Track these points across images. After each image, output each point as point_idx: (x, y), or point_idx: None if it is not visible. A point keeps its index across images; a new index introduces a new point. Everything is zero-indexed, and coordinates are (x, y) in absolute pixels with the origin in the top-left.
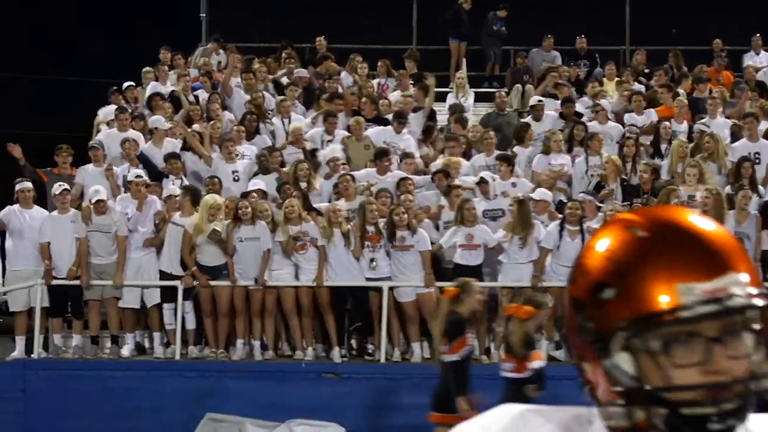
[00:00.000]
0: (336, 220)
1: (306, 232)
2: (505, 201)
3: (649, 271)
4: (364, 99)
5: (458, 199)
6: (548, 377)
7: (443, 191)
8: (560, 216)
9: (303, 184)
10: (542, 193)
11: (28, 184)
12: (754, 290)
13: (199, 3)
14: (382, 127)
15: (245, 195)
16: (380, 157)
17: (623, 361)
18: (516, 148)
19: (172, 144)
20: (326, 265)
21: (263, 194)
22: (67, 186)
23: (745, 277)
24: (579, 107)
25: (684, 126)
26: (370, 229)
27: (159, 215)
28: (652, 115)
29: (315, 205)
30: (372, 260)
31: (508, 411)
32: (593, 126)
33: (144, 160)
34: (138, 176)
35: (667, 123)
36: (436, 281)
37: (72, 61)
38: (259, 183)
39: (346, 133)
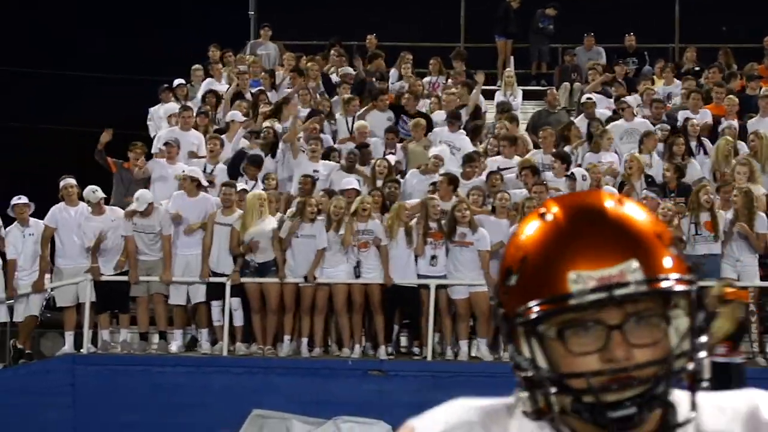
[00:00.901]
0: (404, 219)
1: (371, 230)
2: None
3: (545, 258)
4: (407, 95)
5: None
6: None
7: (529, 188)
8: None
9: (379, 182)
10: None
11: (72, 181)
12: (649, 277)
13: (247, 1)
14: (438, 128)
15: (342, 192)
16: (468, 162)
17: (523, 345)
18: (564, 148)
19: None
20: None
21: (357, 193)
22: (100, 194)
23: (644, 263)
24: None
25: (735, 123)
26: (433, 225)
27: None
28: (707, 115)
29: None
30: (433, 257)
31: (454, 404)
32: (620, 123)
33: (236, 159)
34: (193, 172)
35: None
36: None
37: (74, 61)
38: (353, 182)
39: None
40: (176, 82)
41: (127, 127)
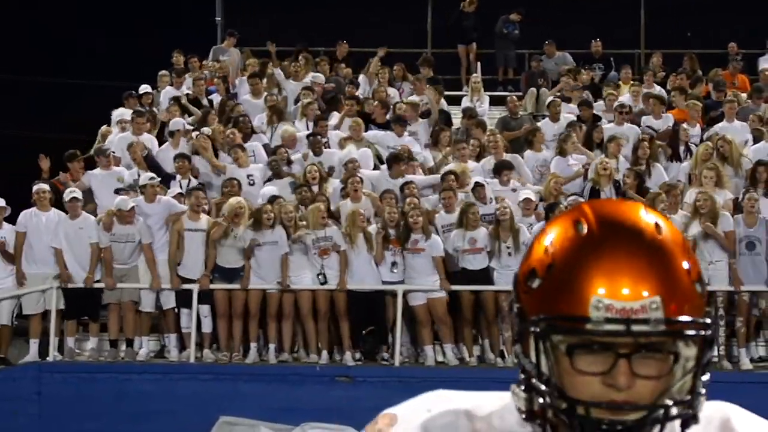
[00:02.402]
0: (360, 224)
1: (330, 237)
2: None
3: (573, 273)
4: (375, 103)
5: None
6: None
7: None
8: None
9: (314, 188)
10: (527, 193)
11: (45, 186)
12: (669, 318)
13: (214, 6)
14: (384, 131)
15: (270, 201)
16: (394, 161)
17: (531, 349)
18: (527, 153)
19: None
20: (347, 269)
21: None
22: (77, 194)
23: (667, 302)
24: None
25: (697, 129)
26: (392, 232)
27: (172, 217)
28: (669, 119)
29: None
30: (394, 263)
31: (435, 395)
32: (611, 127)
33: (151, 163)
34: (152, 178)
35: (685, 126)
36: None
37: (74, 62)
38: (272, 189)
39: (343, 135)
40: (142, 89)
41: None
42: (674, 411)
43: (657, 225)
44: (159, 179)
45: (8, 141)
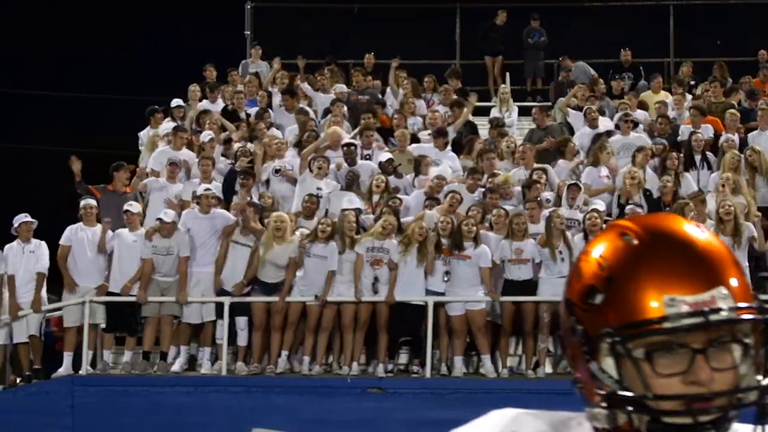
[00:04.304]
0: (419, 238)
1: (387, 249)
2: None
3: (636, 281)
4: (398, 115)
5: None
6: None
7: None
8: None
9: (375, 198)
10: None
11: (92, 202)
12: (740, 304)
13: (243, 20)
14: (425, 144)
15: (358, 213)
16: (472, 174)
17: (608, 365)
18: (560, 162)
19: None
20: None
21: (359, 212)
22: (133, 208)
23: (732, 290)
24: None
25: (737, 138)
26: (444, 242)
27: (226, 229)
28: (709, 130)
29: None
30: (446, 273)
31: (502, 414)
32: (617, 138)
33: (231, 177)
34: (206, 189)
35: (700, 134)
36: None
37: (103, 77)
38: (355, 200)
39: (384, 146)
40: (174, 102)
41: (119, 148)
42: (752, 396)
43: (698, 226)
44: (214, 191)
45: (37, 156)
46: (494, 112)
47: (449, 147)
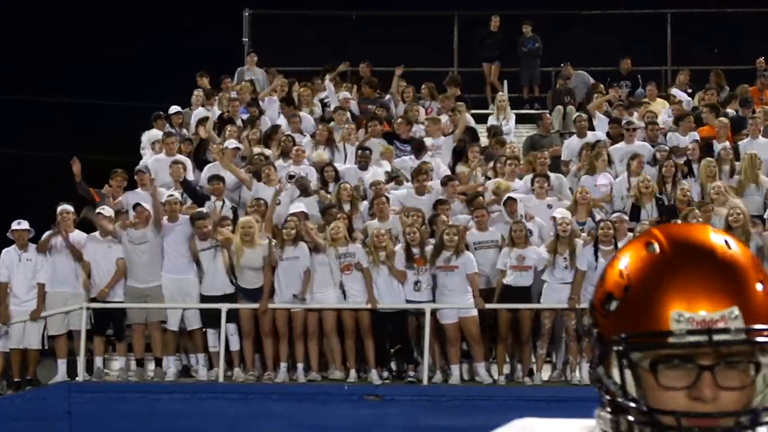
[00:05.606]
0: (380, 245)
1: (353, 254)
2: (530, 223)
3: (650, 291)
4: (399, 120)
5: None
6: None
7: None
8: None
9: (346, 207)
10: (563, 212)
11: (69, 207)
12: (750, 326)
13: (241, 27)
14: (408, 156)
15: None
16: (417, 175)
17: (615, 372)
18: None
19: (217, 167)
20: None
21: (305, 216)
22: (105, 212)
23: (746, 310)
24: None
25: (727, 145)
26: (415, 251)
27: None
28: (694, 136)
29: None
30: (416, 282)
31: (524, 424)
32: (620, 146)
33: (187, 185)
34: (170, 196)
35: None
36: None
37: (101, 82)
38: (300, 206)
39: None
40: (173, 109)
41: (124, 153)
42: (766, 418)
43: (727, 242)
44: (184, 199)
45: (36, 162)
46: (492, 120)
47: (429, 154)
